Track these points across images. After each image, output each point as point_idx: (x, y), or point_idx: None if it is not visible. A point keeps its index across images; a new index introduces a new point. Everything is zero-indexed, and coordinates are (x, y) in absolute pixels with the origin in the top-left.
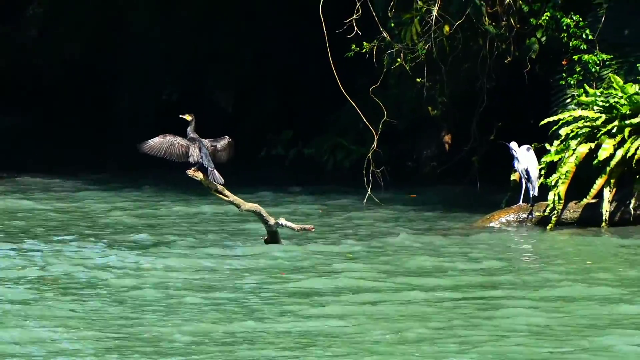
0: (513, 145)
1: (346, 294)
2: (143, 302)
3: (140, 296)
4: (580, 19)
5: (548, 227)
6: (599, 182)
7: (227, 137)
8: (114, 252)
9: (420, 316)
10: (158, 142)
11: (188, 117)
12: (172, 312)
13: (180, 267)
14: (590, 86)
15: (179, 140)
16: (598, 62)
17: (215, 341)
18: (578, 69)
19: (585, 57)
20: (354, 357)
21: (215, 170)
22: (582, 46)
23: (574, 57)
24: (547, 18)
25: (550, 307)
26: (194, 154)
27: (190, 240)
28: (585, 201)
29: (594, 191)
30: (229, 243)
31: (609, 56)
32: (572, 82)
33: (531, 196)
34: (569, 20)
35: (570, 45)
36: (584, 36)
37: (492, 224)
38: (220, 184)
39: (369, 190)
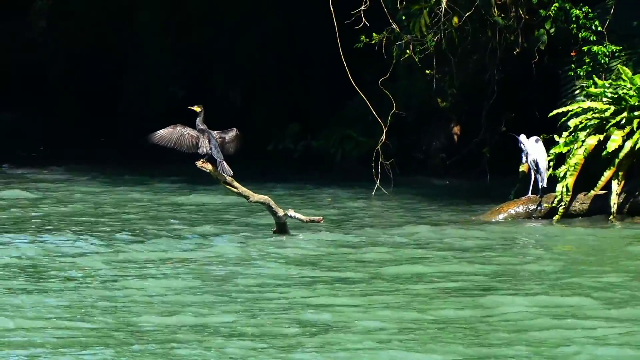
0: (522, 138)
1: (351, 283)
2: (143, 292)
3: (141, 287)
4: (590, 10)
5: (555, 219)
6: (607, 173)
7: (235, 129)
8: (116, 242)
9: (421, 305)
10: (168, 133)
11: (197, 109)
12: (171, 303)
13: (184, 258)
14: (600, 77)
15: (189, 131)
16: (607, 53)
17: (212, 330)
18: (587, 60)
19: (595, 48)
20: (353, 344)
21: (224, 162)
22: (591, 37)
23: (583, 48)
24: (556, 9)
25: (553, 298)
26: (204, 145)
27: (197, 230)
28: (593, 193)
29: (601, 183)
30: (237, 234)
31: (618, 48)
32: (581, 74)
33: (540, 188)
34: (578, 12)
35: (580, 36)
36: (593, 27)
37: (500, 216)
38: (229, 176)
39: (377, 181)
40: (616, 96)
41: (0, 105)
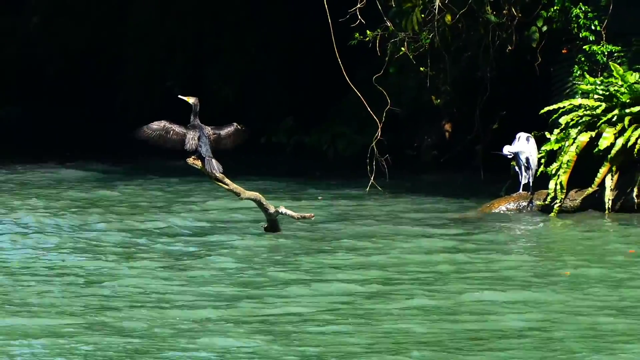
0: (507, 148)
1: (344, 281)
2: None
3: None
4: (589, 10)
5: (551, 216)
6: (602, 171)
7: (235, 123)
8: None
9: (400, 302)
10: (152, 129)
11: (189, 100)
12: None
13: (172, 256)
14: (596, 77)
15: (175, 128)
16: (606, 53)
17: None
18: (583, 59)
19: (595, 47)
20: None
21: (213, 160)
22: (590, 37)
23: (584, 47)
24: (557, 9)
25: (552, 295)
26: (191, 142)
27: (186, 227)
28: (589, 190)
29: (598, 180)
30: (227, 231)
31: (617, 48)
32: (578, 73)
33: (528, 183)
34: (577, 11)
35: (580, 35)
36: (592, 27)
37: (492, 212)
38: (217, 173)
39: (371, 178)
40: (607, 93)
41: None
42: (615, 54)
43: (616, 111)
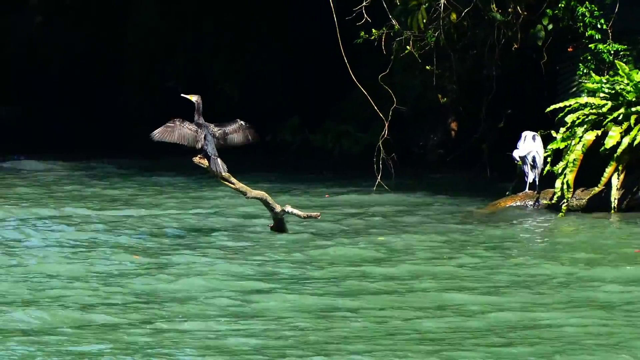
0: (517, 153)
1: (346, 276)
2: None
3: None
4: (595, 8)
5: (559, 216)
6: (609, 170)
7: (239, 120)
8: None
9: (402, 303)
10: (169, 129)
11: (192, 98)
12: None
13: (176, 254)
14: (602, 75)
15: (187, 125)
16: (612, 51)
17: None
18: (588, 57)
19: (601, 46)
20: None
21: (218, 159)
22: (596, 36)
23: (590, 45)
24: (562, 7)
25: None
26: (200, 140)
27: (190, 225)
28: (596, 190)
29: (604, 179)
30: (233, 230)
31: (623, 46)
32: (584, 71)
33: (534, 182)
34: (583, 9)
35: (587, 34)
36: (598, 25)
37: (498, 211)
38: (223, 172)
39: (378, 177)
40: (613, 92)
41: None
42: (621, 53)
43: (622, 110)
